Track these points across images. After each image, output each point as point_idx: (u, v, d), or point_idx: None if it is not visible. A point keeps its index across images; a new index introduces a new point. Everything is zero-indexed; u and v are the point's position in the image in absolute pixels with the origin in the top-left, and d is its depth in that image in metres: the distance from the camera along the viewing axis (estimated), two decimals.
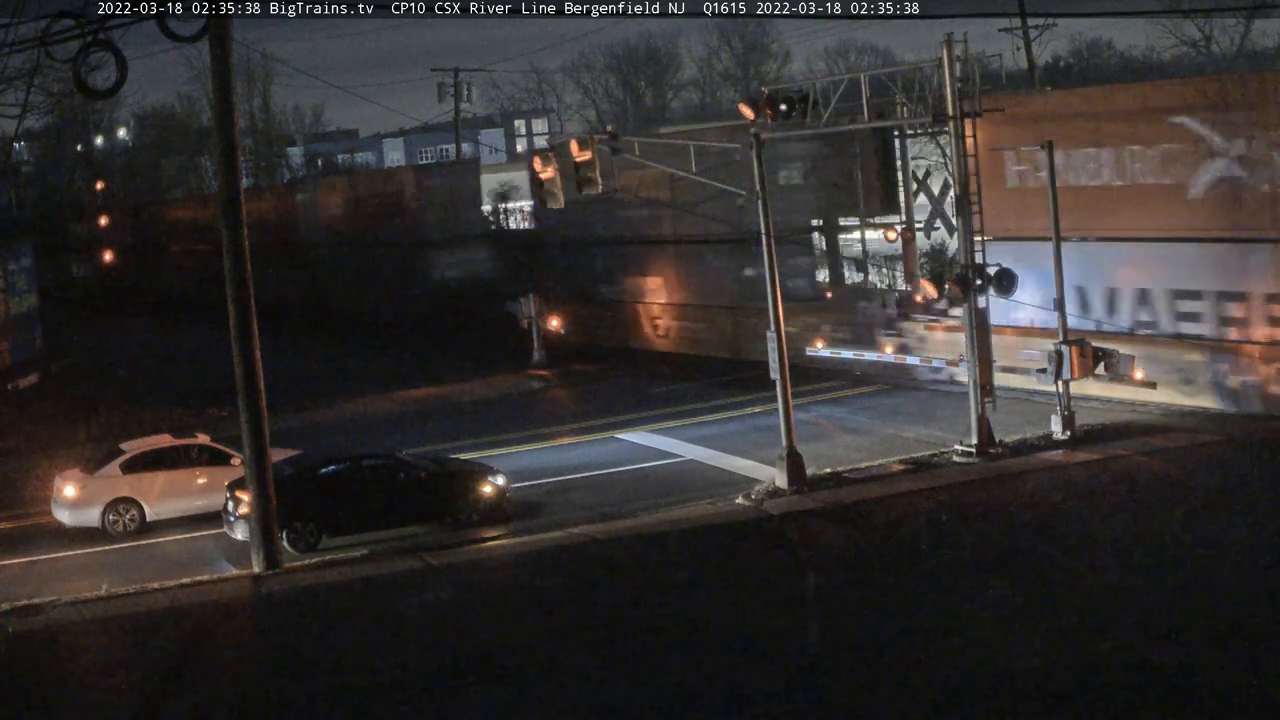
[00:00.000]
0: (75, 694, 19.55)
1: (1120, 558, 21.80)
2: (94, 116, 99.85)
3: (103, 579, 24.77)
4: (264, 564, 24.41)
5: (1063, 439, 29.37)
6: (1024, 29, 59.63)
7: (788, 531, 24.96)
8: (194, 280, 75.14)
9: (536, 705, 17.77)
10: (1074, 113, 33.12)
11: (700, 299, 45.47)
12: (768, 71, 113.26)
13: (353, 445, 32.91)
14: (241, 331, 24.44)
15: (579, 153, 28.42)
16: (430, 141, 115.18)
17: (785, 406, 27.82)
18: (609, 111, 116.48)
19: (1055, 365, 29.59)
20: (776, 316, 27.95)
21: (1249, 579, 20.34)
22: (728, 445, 32.16)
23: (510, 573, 24.03)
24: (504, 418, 38.08)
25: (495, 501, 27.17)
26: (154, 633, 21.75)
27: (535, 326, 46.14)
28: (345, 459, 27.48)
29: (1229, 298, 30.25)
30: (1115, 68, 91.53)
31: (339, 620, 21.89)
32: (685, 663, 18.66)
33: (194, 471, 28.58)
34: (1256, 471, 26.32)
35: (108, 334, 68.18)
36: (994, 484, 26.76)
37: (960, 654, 18.21)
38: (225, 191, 24.58)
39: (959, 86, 28.54)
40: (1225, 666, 17.12)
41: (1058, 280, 30.16)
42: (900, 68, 31.48)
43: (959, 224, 28.89)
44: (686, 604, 21.21)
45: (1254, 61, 75.37)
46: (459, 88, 75.87)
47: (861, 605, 20.64)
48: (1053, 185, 29.78)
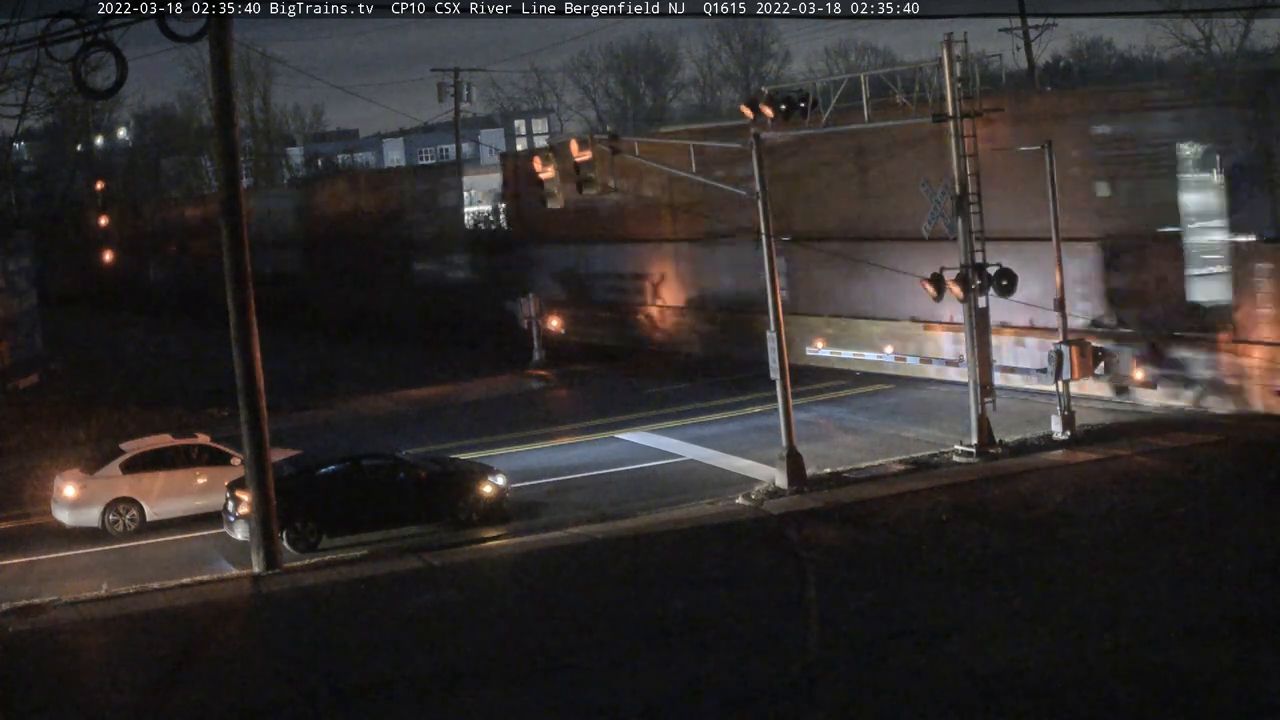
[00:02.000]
0: (75, 694, 19.55)
1: (1120, 558, 21.81)
2: (94, 116, 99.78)
3: (103, 579, 24.78)
4: (264, 564, 24.41)
5: (1063, 439, 29.37)
6: (1024, 29, 59.60)
7: (788, 531, 24.95)
8: (193, 280, 75.15)
9: (536, 705, 17.77)
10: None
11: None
12: (768, 71, 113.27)
13: (353, 445, 32.90)
14: (241, 331, 24.44)
15: (579, 153, 28.44)
16: (430, 142, 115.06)
17: (785, 406, 27.82)
18: (609, 111, 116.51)
19: (1055, 365, 29.60)
20: (776, 316, 27.94)
21: (1249, 579, 20.34)
22: (728, 445, 32.16)
23: (510, 573, 24.04)
24: (504, 418, 38.08)
25: (495, 501, 27.17)
26: (154, 633, 21.74)
27: (535, 326, 46.15)
28: (345, 459, 27.47)
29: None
30: (1115, 68, 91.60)
31: (339, 620, 21.89)
32: (685, 663, 18.66)
33: (194, 471, 28.57)
34: (1256, 471, 26.33)
35: (107, 334, 68.15)
36: (994, 484, 26.76)
37: (960, 654, 18.21)
38: (225, 191, 24.58)
39: (959, 86, 28.53)
40: (1225, 666, 17.12)
41: (1058, 280, 30.19)
42: (900, 68, 31.44)
43: (959, 224, 28.84)
44: (686, 604, 21.21)
45: (1254, 61, 75.41)
46: (459, 88, 75.87)
47: (861, 605, 20.64)
48: (1053, 185, 29.79)
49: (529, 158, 41.72)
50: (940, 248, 30.03)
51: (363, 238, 61.16)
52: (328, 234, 65.08)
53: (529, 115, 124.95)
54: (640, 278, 48.13)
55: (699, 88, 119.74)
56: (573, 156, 28.74)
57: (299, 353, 52.26)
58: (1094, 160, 32.95)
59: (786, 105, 28.46)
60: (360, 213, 63.17)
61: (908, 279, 31.78)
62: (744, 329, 41.48)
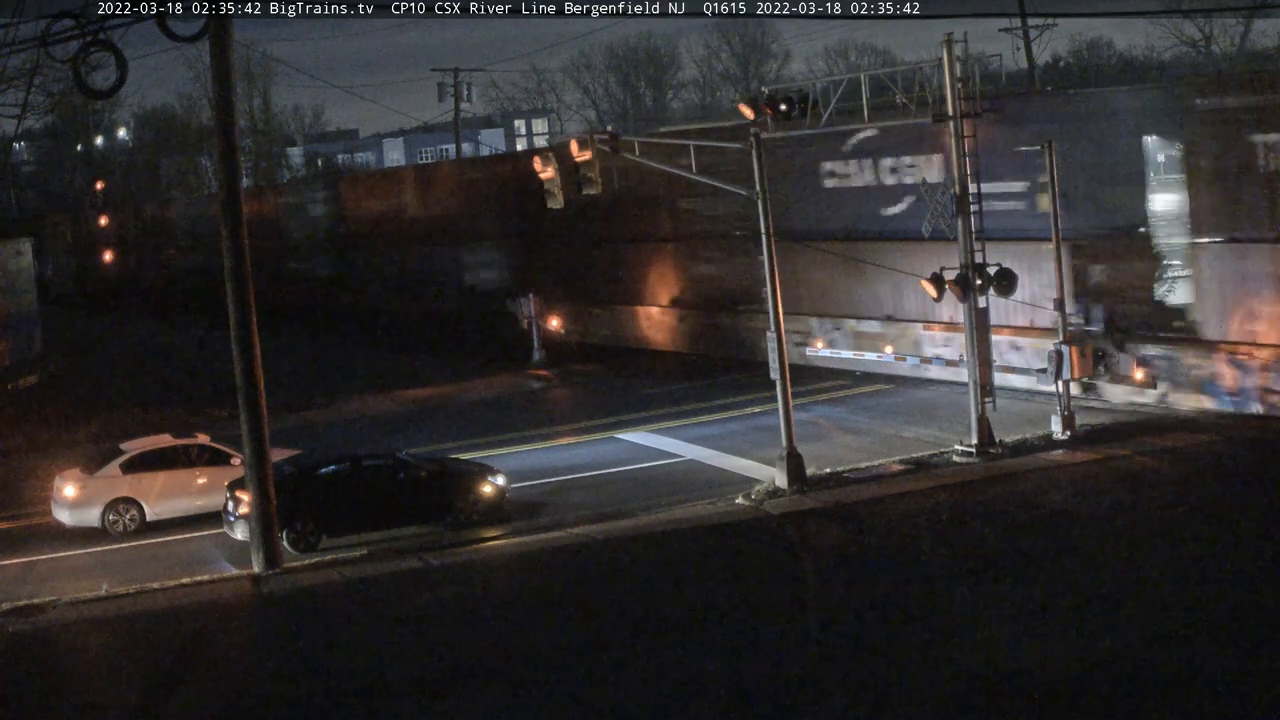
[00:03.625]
0: (75, 694, 19.54)
1: (1120, 557, 21.81)
2: (94, 116, 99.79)
3: (103, 579, 24.77)
4: (264, 564, 24.41)
5: (1063, 439, 29.37)
6: (1024, 29, 59.62)
7: (788, 531, 24.96)
8: (193, 280, 75.19)
9: (536, 705, 17.77)
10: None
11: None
12: (768, 71, 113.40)
13: (353, 445, 32.92)
14: (241, 331, 24.44)
15: (579, 153, 28.42)
16: (430, 141, 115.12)
17: (785, 406, 27.82)
18: (609, 111, 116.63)
19: (1055, 365, 29.61)
20: (776, 316, 27.94)
21: (1249, 578, 20.34)
22: (728, 445, 32.16)
23: (510, 573, 24.04)
24: (504, 418, 38.08)
25: (495, 501, 27.17)
26: (154, 633, 21.74)
27: (535, 326, 46.13)
28: (345, 459, 27.47)
29: None
30: (1115, 68, 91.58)
31: (339, 620, 21.89)
32: (685, 663, 18.66)
33: (194, 471, 28.57)
34: (1256, 471, 26.33)
35: (107, 333, 68.16)
36: (994, 484, 26.76)
37: (960, 654, 18.20)
38: (225, 191, 24.58)
39: (959, 86, 28.53)
40: (1225, 666, 17.12)
41: (1058, 281, 30.19)
42: (900, 68, 31.44)
43: (959, 224, 28.85)
44: (686, 604, 21.21)
45: (1255, 61, 75.38)
46: (459, 88, 75.97)
47: (861, 605, 20.64)
48: (1053, 185, 29.80)
49: (528, 158, 41.78)
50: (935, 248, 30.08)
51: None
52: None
53: (529, 115, 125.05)
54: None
55: (699, 88, 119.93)
56: (572, 156, 28.73)
57: (298, 352, 52.28)
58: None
59: (786, 105, 28.47)
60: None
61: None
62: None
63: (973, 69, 29.53)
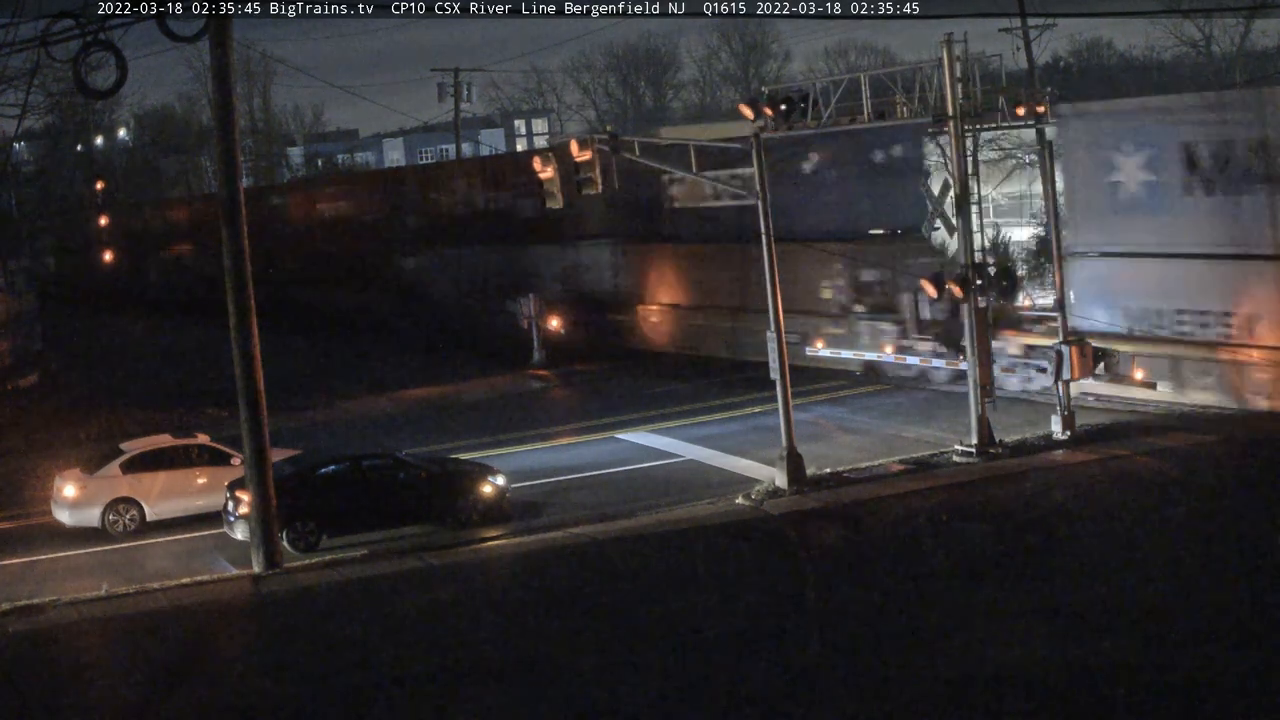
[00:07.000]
0: (75, 694, 19.53)
1: (1120, 558, 21.80)
2: (94, 116, 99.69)
3: (103, 579, 24.75)
4: (264, 564, 24.41)
5: (1063, 439, 29.36)
6: (1024, 29, 59.52)
7: (788, 531, 24.96)
8: (193, 279, 75.12)
9: (536, 705, 17.77)
10: None
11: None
12: (768, 71, 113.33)
13: (353, 445, 32.89)
14: (241, 331, 24.43)
15: (579, 153, 28.41)
16: (430, 142, 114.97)
17: (785, 406, 27.81)
18: (609, 111, 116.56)
19: (1055, 365, 29.60)
20: (776, 316, 27.93)
21: (1249, 579, 20.34)
22: (728, 445, 32.15)
23: (510, 573, 24.03)
24: (504, 418, 38.07)
25: (495, 501, 27.17)
26: (154, 633, 21.73)
27: (535, 326, 46.10)
28: (345, 459, 27.47)
29: None
30: (1115, 68, 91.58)
31: (339, 620, 21.88)
32: (685, 663, 18.66)
33: (194, 471, 28.55)
34: (1256, 471, 26.32)
35: (107, 333, 68.10)
36: (994, 484, 26.76)
37: (960, 654, 18.21)
38: (225, 191, 24.58)
39: (959, 87, 28.51)
40: (1226, 666, 17.11)
41: (1058, 281, 30.19)
42: (900, 68, 31.43)
43: (959, 224, 28.85)
44: (686, 604, 21.21)
45: (1255, 61, 75.40)
46: (459, 88, 75.84)
47: (861, 605, 20.64)
48: (1053, 184, 29.80)
49: (528, 158, 41.73)
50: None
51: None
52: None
53: (529, 115, 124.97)
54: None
55: (699, 88, 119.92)
56: (572, 157, 28.72)
57: (298, 352, 52.24)
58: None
59: (786, 105, 28.45)
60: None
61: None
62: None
63: (973, 69, 29.48)
